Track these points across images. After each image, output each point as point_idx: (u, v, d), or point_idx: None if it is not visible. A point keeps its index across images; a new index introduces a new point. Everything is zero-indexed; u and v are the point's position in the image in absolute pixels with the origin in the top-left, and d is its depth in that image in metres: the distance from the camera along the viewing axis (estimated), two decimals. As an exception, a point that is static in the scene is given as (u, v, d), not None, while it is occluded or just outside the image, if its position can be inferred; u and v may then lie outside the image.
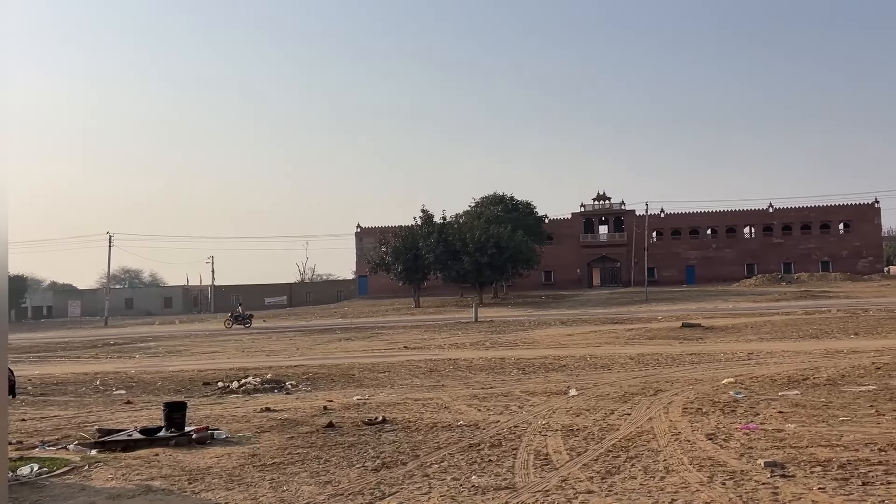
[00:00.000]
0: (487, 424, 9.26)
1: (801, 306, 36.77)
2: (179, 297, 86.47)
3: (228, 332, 39.69)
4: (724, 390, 11.25)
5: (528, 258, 59.07)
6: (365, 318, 46.43)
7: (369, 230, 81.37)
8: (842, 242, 76.57)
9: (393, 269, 58.99)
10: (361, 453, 7.89)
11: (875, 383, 11.29)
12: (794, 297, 45.26)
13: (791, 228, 77.92)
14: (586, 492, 5.99)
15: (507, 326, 31.95)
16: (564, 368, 15.74)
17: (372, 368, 17.21)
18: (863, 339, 19.41)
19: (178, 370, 19.13)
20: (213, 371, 18.28)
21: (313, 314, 56.95)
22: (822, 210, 77.53)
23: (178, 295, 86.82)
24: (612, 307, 45.73)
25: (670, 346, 20.21)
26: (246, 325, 43.08)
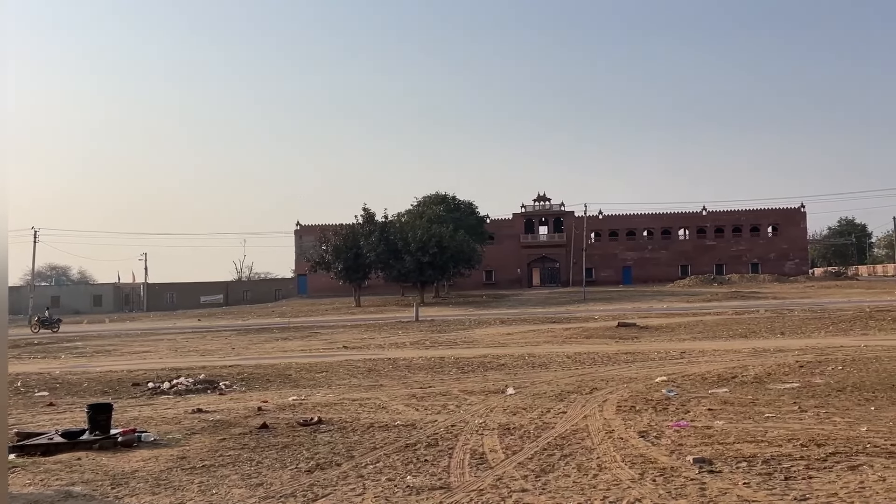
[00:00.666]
0: (425, 424, 9.23)
1: (731, 306, 37.96)
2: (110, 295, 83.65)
3: (162, 331, 38.56)
4: (656, 388, 11.48)
5: (469, 258, 59.35)
6: (304, 318, 45.80)
7: (309, 228, 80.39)
8: (770, 245, 79.58)
9: (333, 267, 58.37)
10: (295, 455, 7.75)
11: (798, 381, 11.71)
12: (725, 298, 46.72)
13: (723, 231, 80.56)
14: (520, 490, 6.02)
15: (447, 325, 32.00)
16: (503, 367, 15.83)
17: (309, 368, 16.96)
18: (788, 339, 20.14)
19: (106, 371, 18.47)
20: (143, 371, 17.71)
21: (250, 313, 55.89)
22: (753, 213, 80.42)
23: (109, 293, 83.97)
24: (551, 306, 46.32)
25: (606, 345, 20.56)
26: (54, 329, 42.16)
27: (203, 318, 50.40)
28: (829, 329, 22.47)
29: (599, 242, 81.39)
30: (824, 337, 20.24)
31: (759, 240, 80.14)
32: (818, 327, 23.15)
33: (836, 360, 14.30)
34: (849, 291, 49.44)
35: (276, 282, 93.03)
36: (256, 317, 50.33)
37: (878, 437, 7.32)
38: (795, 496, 5.55)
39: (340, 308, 55.10)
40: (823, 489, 5.69)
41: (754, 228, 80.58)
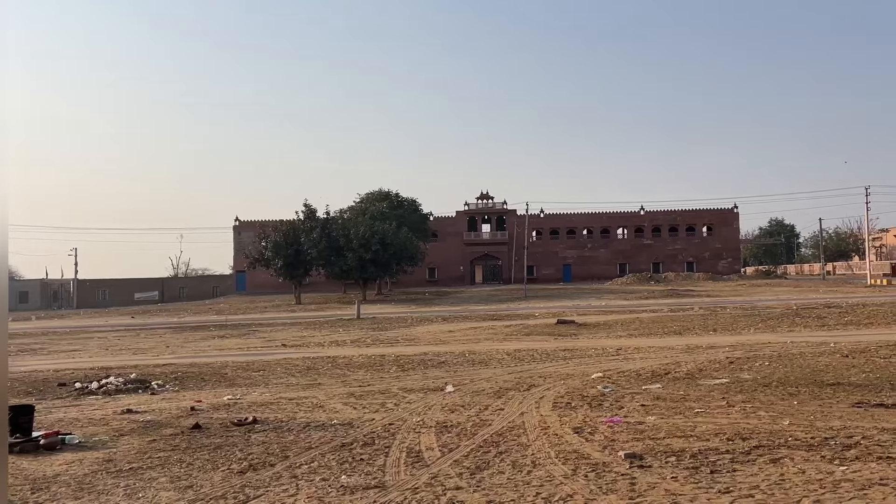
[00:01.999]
0: (362, 423, 9.17)
1: (667, 304, 38.92)
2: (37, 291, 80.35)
3: (93, 329, 37.30)
4: (592, 385, 11.69)
5: (412, 255, 59.23)
6: (242, 315, 44.95)
7: (248, 224, 78.98)
8: (705, 244, 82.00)
9: (273, 264, 57.34)
10: (228, 455, 7.60)
11: (728, 376, 12.10)
12: (661, 296, 47.87)
13: (660, 231, 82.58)
14: (455, 488, 6.04)
15: (389, 323, 31.88)
16: (443, 365, 15.86)
17: (246, 367, 16.66)
18: (720, 336, 20.78)
19: (31, 370, 17.76)
20: (70, 371, 17.11)
21: (187, 310, 54.52)
22: (688, 214, 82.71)
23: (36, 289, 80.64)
24: (493, 304, 46.64)
25: (546, 341, 20.82)
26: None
27: (137, 316, 48.95)
28: (759, 326, 23.27)
29: (541, 241, 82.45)
30: (753, 334, 20.95)
31: (694, 239, 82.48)
32: (748, 324, 23.94)
33: (764, 356, 14.83)
34: (778, 290, 51.33)
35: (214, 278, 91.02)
36: (193, 314, 49.12)
37: (799, 431, 7.62)
38: (720, 489, 5.73)
39: (280, 305, 54.27)
40: (746, 482, 5.89)
41: (690, 228, 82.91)
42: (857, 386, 10.60)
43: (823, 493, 5.56)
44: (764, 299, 40.08)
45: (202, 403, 11.28)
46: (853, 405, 9.09)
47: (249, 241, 66.47)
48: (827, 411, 8.74)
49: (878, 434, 7.37)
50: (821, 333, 20.28)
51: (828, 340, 17.62)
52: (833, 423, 8.01)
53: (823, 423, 8.03)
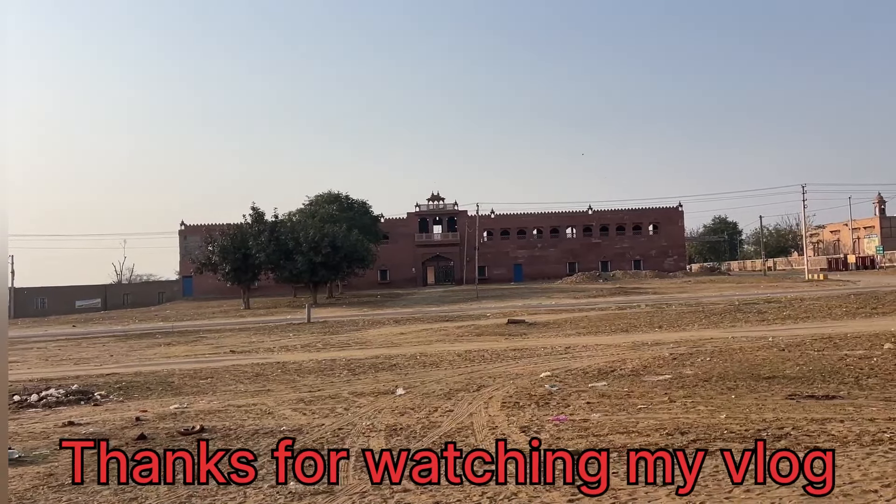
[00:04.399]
0: (311, 428, 9.18)
1: (615, 302, 39.67)
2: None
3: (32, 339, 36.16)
4: (541, 384, 11.91)
5: (363, 257, 59.05)
6: (189, 321, 44.14)
7: (194, 228, 77.67)
8: (651, 243, 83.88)
9: (220, 268, 56.52)
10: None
11: (671, 373, 12.46)
12: (609, 294, 48.74)
13: (608, 230, 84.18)
14: (403, 490, 6.13)
15: (340, 327, 31.74)
16: (395, 368, 15.90)
17: (193, 375, 16.42)
18: (665, 332, 21.31)
19: (-34, 384, 17.16)
20: (9, 383, 16.59)
21: (131, 318, 53.28)
22: (635, 213, 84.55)
23: (-30, 298, 77.60)
24: (445, 305, 46.80)
25: (496, 342, 21.04)
26: None
27: (79, 324, 47.60)
28: (702, 322, 23.94)
29: (492, 241, 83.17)
30: (697, 330, 21.55)
31: (641, 238, 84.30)
32: (692, 321, 24.60)
33: (706, 351, 15.31)
34: (722, 286, 52.78)
35: (160, 284, 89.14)
36: (138, 321, 48.04)
37: (735, 424, 7.94)
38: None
39: (228, 311, 53.47)
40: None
41: (636, 227, 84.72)
42: (792, 379, 11.05)
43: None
44: (708, 295, 41.17)
45: (148, 413, 11.12)
46: (787, 397, 9.49)
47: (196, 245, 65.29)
48: (762, 404, 9.10)
49: (806, 424, 7.73)
50: (761, 328, 20.98)
51: (767, 335, 18.25)
52: (767, 415, 8.36)
53: (758, 415, 8.38)
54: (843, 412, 8.35)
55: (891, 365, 11.90)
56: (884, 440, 6.94)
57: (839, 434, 7.26)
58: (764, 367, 12.38)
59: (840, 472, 5.95)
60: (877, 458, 6.37)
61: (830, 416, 8.16)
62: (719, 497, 5.49)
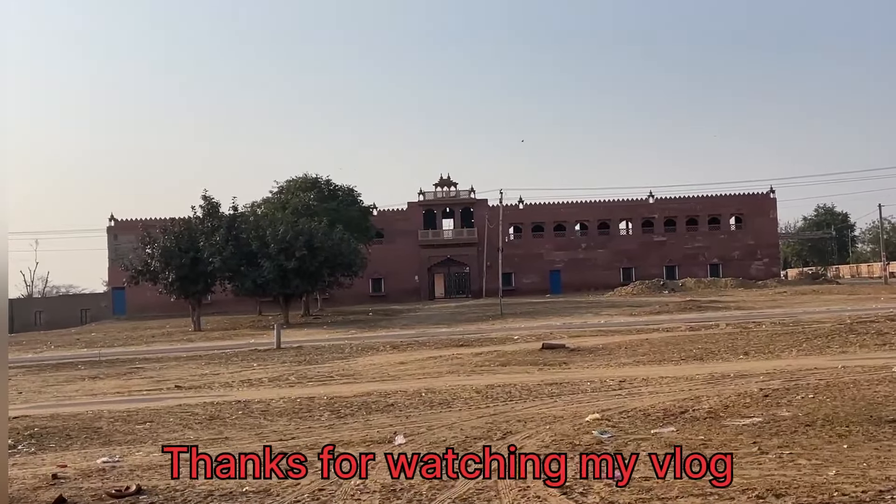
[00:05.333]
0: (283, 489, 9.22)
1: (684, 320, 39.58)
2: None
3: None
4: (587, 430, 11.91)
5: (350, 262, 59.14)
6: (121, 348, 44.45)
7: (127, 224, 78.24)
8: (733, 241, 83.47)
9: (162, 277, 56.67)
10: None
11: (761, 414, 12.43)
12: (677, 309, 48.65)
13: (675, 224, 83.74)
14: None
15: (320, 354, 31.85)
16: (392, 408, 15.98)
17: (127, 418, 16.55)
18: (752, 360, 21.25)
19: None
20: None
21: (45, 342, 53.68)
22: (711, 201, 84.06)
23: None
24: (459, 324, 46.86)
25: (527, 373, 21.07)
26: None
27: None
28: (802, 347, 23.84)
29: (520, 240, 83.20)
30: (796, 357, 21.48)
31: (719, 234, 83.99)
32: (789, 345, 24.51)
33: (808, 386, 15.26)
34: (828, 298, 52.57)
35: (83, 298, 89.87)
36: (54, 347, 48.43)
37: (848, 483, 7.91)
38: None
39: (173, 333, 53.77)
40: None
41: (713, 220, 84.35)
42: (925, 422, 11.00)
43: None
44: (810, 311, 41.02)
45: (67, 469, 11.21)
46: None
47: (130, 246, 65.64)
48: (885, 456, 9.07)
49: (946, 484, 7.69)
50: (881, 355, 20.86)
51: (890, 364, 18.14)
52: (891, 471, 8.33)
53: (879, 471, 8.35)
54: None
55: None
56: None
57: None
58: (887, 408, 12.31)
59: None
60: None
61: (976, 472, 8.10)
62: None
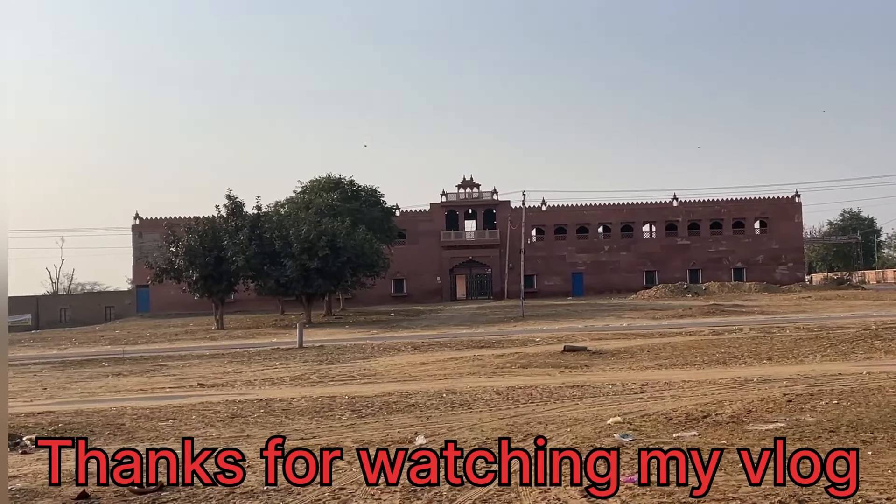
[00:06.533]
0: (303, 487, 9.25)
1: (708, 324, 39.36)
2: None
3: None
4: (608, 433, 11.90)
5: (372, 262, 59.31)
6: (145, 345, 44.76)
7: (152, 223, 78.71)
8: (757, 245, 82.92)
9: (186, 276, 57.08)
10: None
11: (784, 419, 12.35)
12: (700, 313, 48.38)
13: (699, 227, 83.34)
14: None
15: (342, 353, 31.93)
16: (413, 408, 16.02)
17: (150, 415, 16.67)
18: (776, 365, 21.10)
19: None
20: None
21: (71, 339, 54.18)
22: (735, 205, 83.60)
23: None
24: (480, 326, 46.85)
25: (549, 375, 21.02)
26: None
27: (2, 347, 48.49)
28: (827, 352, 23.65)
29: (542, 242, 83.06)
30: (820, 362, 21.31)
31: (743, 238, 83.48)
32: (814, 350, 24.32)
33: (833, 391, 15.15)
34: (853, 303, 52.09)
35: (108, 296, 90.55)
36: (79, 344, 48.84)
37: (872, 490, 7.83)
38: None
39: (196, 332, 54.11)
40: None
41: (738, 224, 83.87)
42: (952, 430, 10.87)
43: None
44: (835, 316, 40.66)
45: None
46: (945, 455, 9.34)
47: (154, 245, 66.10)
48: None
49: (973, 493, 7.60)
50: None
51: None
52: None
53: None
54: None
55: None
56: None
57: None
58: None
59: None
60: None
61: None
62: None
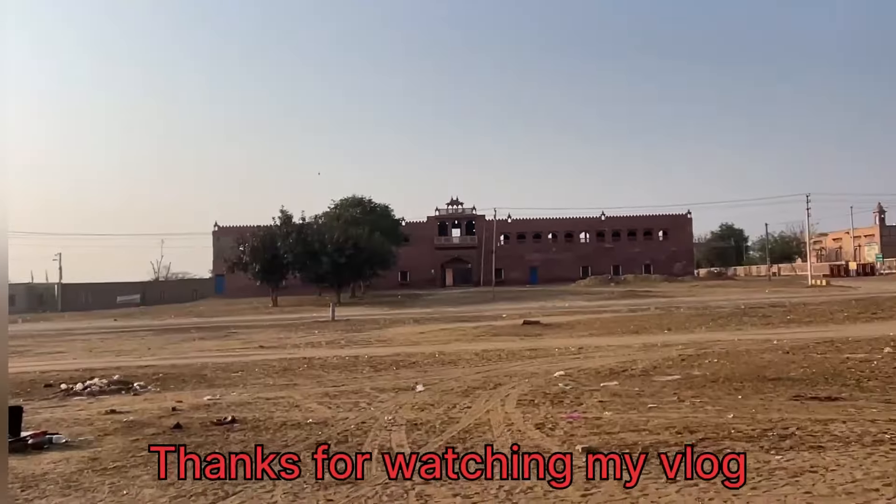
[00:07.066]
0: (336, 421, 9.23)
1: (626, 305, 39.43)
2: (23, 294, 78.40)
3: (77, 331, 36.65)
4: (555, 382, 11.85)
5: (385, 259, 59.14)
6: (221, 318, 44.46)
7: (227, 229, 78.17)
8: (661, 248, 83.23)
9: (250, 268, 56.88)
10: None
11: (679, 373, 12.37)
12: (620, 297, 48.45)
13: (620, 235, 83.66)
14: (423, 482, 6.15)
15: (363, 325, 31.80)
16: (414, 365, 15.87)
17: (225, 368, 16.55)
18: (674, 334, 21.12)
19: (17, 372, 17.38)
20: (56, 373, 16.84)
21: (167, 313, 53.80)
22: (646, 219, 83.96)
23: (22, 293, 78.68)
24: (463, 306, 46.75)
25: (512, 342, 20.94)
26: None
27: (119, 319, 48.16)
28: (709, 325, 23.71)
29: (508, 245, 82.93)
30: (705, 332, 21.34)
31: (651, 243, 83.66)
32: (700, 323, 24.37)
33: (713, 353, 15.16)
34: (728, 290, 52.25)
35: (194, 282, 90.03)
36: (173, 317, 48.50)
37: (742, 423, 7.88)
38: (667, 479, 5.92)
39: (258, 308, 53.80)
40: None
41: (647, 233, 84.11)
42: (796, 380, 10.93)
43: (760, 480, 5.79)
44: (715, 299, 40.78)
45: (183, 404, 11.24)
46: (791, 398, 9.39)
47: (228, 246, 65.65)
48: (767, 405, 9.02)
49: (810, 425, 7.66)
50: (766, 331, 20.74)
51: (771, 338, 18.05)
52: (772, 415, 8.29)
53: (764, 415, 8.31)
54: (845, 413, 8.26)
55: (891, 368, 11.72)
56: (885, 440, 6.86)
57: (841, 434, 7.19)
58: (769, 369, 12.25)
59: (843, 472, 5.91)
60: (878, 457, 6.30)
61: (833, 416, 8.07)
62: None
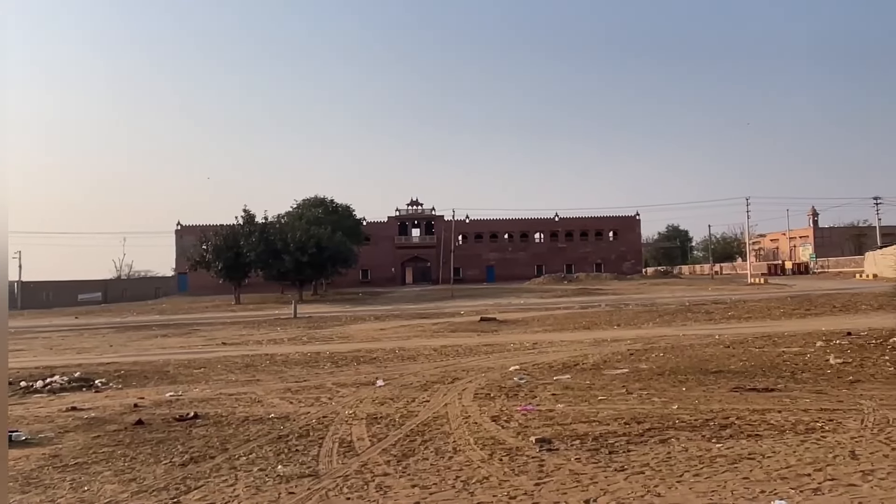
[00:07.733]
0: (298, 416, 9.14)
1: (578, 302, 39.91)
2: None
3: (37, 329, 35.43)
4: (510, 376, 11.92)
5: (346, 258, 58.68)
6: (183, 315, 43.57)
7: (190, 228, 76.61)
8: (611, 248, 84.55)
9: (213, 266, 55.83)
10: (170, 449, 7.47)
11: (628, 367, 12.58)
12: (573, 294, 49.03)
13: (572, 235, 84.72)
14: (383, 474, 6.14)
15: (324, 322, 31.53)
16: (375, 361, 15.80)
17: (188, 365, 16.23)
18: (623, 330, 21.48)
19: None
20: (16, 370, 16.23)
21: (129, 311, 52.45)
22: (596, 220, 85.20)
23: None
24: (422, 303, 46.71)
25: (470, 337, 21.01)
26: None
27: (80, 316, 46.78)
28: (656, 321, 24.15)
29: (466, 244, 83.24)
30: (652, 328, 21.74)
31: (602, 243, 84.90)
32: (648, 319, 24.80)
33: (660, 347, 15.45)
34: (674, 288, 53.33)
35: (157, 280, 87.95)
36: (136, 314, 47.31)
37: (685, 414, 8.06)
38: (616, 467, 6.04)
39: (220, 306, 52.88)
40: (639, 460, 6.22)
41: (598, 233, 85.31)
42: (736, 373, 11.23)
43: (702, 467, 5.94)
44: (661, 297, 41.57)
45: (145, 400, 10.99)
46: (731, 390, 9.65)
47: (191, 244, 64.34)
48: (709, 396, 9.25)
49: (749, 415, 7.88)
50: (708, 326, 21.23)
51: (714, 333, 18.48)
52: (713, 406, 8.50)
53: (706, 406, 8.51)
54: (780, 403, 8.51)
55: (822, 361, 12.13)
56: (816, 429, 7.10)
57: (777, 423, 7.41)
58: (711, 363, 12.55)
59: (778, 458, 6.10)
60: (810, 444, 6.52)
61: (770, 406, 8.31)
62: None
